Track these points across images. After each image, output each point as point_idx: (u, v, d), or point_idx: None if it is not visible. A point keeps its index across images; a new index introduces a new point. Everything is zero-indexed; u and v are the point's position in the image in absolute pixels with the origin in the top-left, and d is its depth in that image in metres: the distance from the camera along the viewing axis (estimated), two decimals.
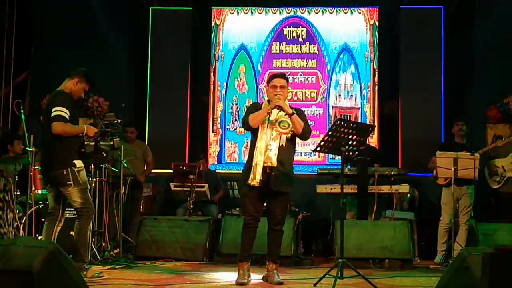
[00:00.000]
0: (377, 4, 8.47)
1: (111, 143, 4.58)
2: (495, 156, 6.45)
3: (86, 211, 4.46)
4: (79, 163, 4.44)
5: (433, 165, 6.37)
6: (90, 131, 4.53)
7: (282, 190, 4.45)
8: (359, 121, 8.05)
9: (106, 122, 4.74)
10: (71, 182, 4.37)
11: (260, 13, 8.62)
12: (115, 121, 4.73)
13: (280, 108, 4.36)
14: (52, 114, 4.35)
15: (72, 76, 4.62)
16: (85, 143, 4.48)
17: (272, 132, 4.42)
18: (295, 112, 4.43)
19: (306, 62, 8.47)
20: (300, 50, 8.51)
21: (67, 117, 4.37)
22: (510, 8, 7.74)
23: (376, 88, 8.37)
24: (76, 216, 4.53)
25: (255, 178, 4.32)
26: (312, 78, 8.46)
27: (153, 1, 8.75)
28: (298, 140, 4.64)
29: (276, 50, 8.53)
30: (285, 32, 8.54)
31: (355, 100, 8.37)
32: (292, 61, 8.50)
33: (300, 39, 8.51)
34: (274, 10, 8.59)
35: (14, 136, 6.63)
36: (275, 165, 4.37)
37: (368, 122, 8.16)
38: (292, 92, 8.24)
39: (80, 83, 4.61)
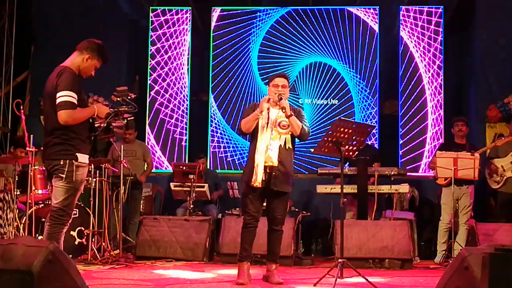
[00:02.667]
0: (377, 4, 8.47)
1: (124, 122, 3.89)
2: (495, 157, 6.45)
3: (61, 214, 3.75)
4: (82, 158, 3.78)
5: (433, 165, 6.37)
6: (102, 112, 3.86)
7: (283, 190, 4.45)
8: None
9: (118, 99, 3.99)
10: (64, 175, 3.71)
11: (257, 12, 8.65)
12: (129, 97, 3.99)
13: (284, 108, 4.37)
14: (58, 101, 3.67)
15: (82, 51, 3.88)
16: (95, 125, 3.84)
17: (272, 132, 4.43)
18: (293, 113, 4.42)
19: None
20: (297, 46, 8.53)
21: (75, 101, 3.69)
22: (510, 7, 7.75)
23: (377, 87, 8.38)
24: (56, 216, 3.78)
25: (257, 179, 4.33)
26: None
27: (153, 1, 8.76)
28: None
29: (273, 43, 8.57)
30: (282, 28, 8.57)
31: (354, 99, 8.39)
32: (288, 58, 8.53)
33: (298, 35, 8.53)
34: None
35: (20, 144, 6.22)
36: (276, 165, 4.38)
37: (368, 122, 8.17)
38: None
39: (91, 60, 3.88)
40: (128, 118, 3.93)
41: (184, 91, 8.58)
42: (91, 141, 3.91)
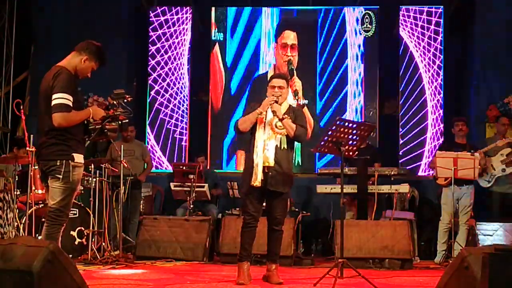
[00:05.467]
0: (377, 4, 8.47)
1: (118, 123, 3.86)
2: (486, 156, 6.45)
3: (59, 215, 3.72)
4: (78, 158, 3.76)
5: (433, 165, 6.37)
6: (97, 114, 3.84)
7: (279, 190, 4.45)
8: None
9: (114, 102, 3.99)
10: (61, 176, 3.69)
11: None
12: (125, 101, 3.99)
13: (275, 112, 4.37)
14: (53, 103, 3.68)
15: (80, 51, 3.87)
16: (90, 127, 3.82)
17: (269, 132, 4.43)
18: (287, 116, 4.40)
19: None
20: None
21: (71, 104, 3.67)
22: (510, 7, 7.75)
23: (377, 87, 8.38)
24: (54, 217, 3.74)
25: (257, 178, 4.33)
26: None
27: (153, 1, 8.76)
28: None
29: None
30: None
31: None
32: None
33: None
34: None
35: (23, 145, 6.23)
36: (273, 165, 4.38)
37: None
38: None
39: (89, 61, 3.86)
40: (123, 121, 3.91)
41: (184, 91, 8.58)
42: (85, 141, 3.91)
